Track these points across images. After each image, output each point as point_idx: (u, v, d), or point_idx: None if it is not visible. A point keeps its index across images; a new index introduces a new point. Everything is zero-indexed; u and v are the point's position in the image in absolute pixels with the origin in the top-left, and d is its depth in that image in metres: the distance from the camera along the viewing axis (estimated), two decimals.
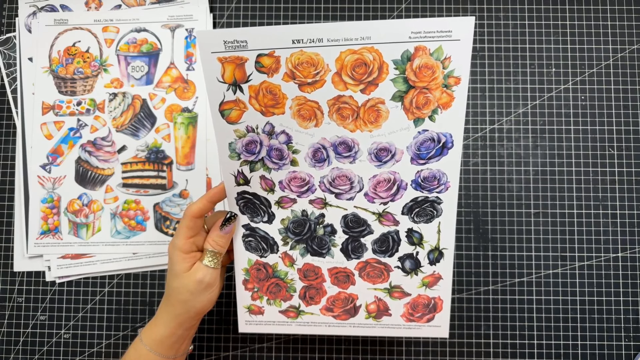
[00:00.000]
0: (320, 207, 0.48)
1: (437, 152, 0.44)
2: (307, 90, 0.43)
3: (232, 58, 0.42)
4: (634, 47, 0.61)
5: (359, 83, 0.42)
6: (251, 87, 0.43)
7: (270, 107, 0.43)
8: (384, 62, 0.41)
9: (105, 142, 0.61)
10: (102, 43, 0.62)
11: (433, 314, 0.50)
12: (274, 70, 0.42)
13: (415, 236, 0.48)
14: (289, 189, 0.47)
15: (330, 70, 0.42)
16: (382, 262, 0.49)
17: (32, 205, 0.61)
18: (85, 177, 0.61)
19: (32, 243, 0.61)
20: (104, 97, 0.62)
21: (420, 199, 0.46)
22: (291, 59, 0.42)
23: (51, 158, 0.61)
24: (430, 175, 0.45)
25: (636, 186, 0.60)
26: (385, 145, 0.45)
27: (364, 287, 0.50)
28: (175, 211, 0.60)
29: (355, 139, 0.44)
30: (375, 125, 0.44)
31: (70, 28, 0.63)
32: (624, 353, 0.58)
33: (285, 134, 0.45)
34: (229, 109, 0.44)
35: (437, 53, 0.41)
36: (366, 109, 0.43)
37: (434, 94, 0.42)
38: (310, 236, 0.49)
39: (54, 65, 0.62)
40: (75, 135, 0.62)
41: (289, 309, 0.51)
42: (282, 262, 0.50)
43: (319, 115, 0.44)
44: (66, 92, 0.62)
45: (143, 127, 0.61)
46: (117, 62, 0.62)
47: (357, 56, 0.41)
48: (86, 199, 0.61)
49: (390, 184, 0.46)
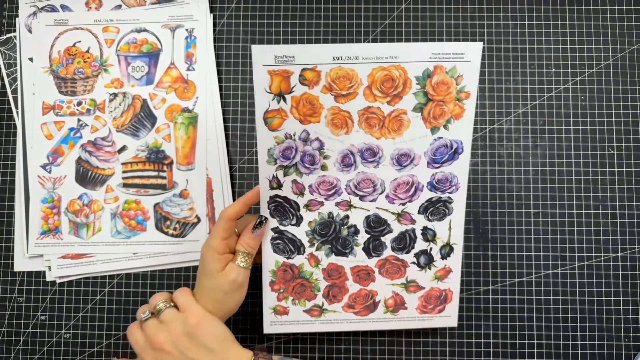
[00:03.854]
0: (345, 209, 0.51)
1: (449, 156, 0.50)
2: (342, 102, 0.48)
3: (280, 71, 0.47)
4: (634, 47, 0.61)
5: (386, 96, 0.48)
6: (293, 98, 0.47)
7: (308, 115, 0.48)
8: (408, 78, 0.48)
9: (105, 142, 0.61)
10: (102, 43, 0.62)
11: (444, 305, 0.54)
12: (315, 83, 0.47)
13: (429, 233, 0.52)
14: (318, 193, 0.51)
15: (363, 84, 0.47)
16: (400, 259, 0.53)
17: (33, 205, 0.61)
18: (85, 177, 0.61)
19: (32, 243, 0.61)
20: (104, 97, 0.62)
21: (435, 199, 0.51)
22: (330, 73, 0.47)
23: (51, 158, 0.61)
24: (443, 177, 0.51)
25: (636, 186, 0.60)
26: (406, 151, 0.50)
27: (383, 283, 0.53)
28: (176, 211, 0.60)
29: (380, 145, 0.49)
30: (398, 133, 0.49)
31: (70, 28, 0.63)
32: (624, 353, 0.58)
33: (319, 141, 0.49)
34: (272, 117, 0.48)
35: (452, 71, 0.48)
36: (391, 119, 0.49)
37: (448, 106, 0.49)
38: (335, 237, 0.52)
39: (54, 66, 0.62)
40: (76, 135, 0.62)
41: (312, 308, 0.53)
42: (308, 262, 0.53)
43: (349, 123, 0.49)
44: (66, 92, 0.62)
45: (143, 127, 0.61)
46: (118, 62, 0.62)
47: (386, 72, 0.47)
48: (86, 199, 0.61)
49: (409, 186, 0.51)
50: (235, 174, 0.61)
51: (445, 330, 0.59)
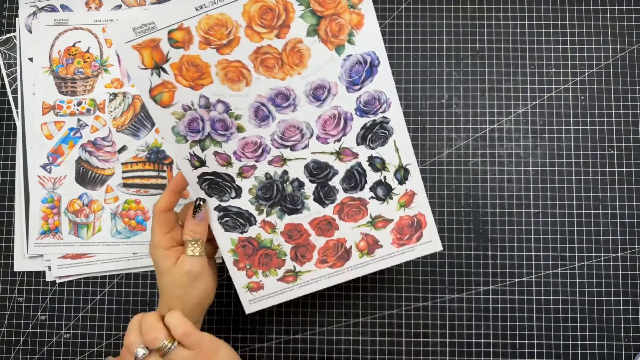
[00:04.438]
0: (281, 165, 0.47)
1: (367, 73, 0.45)
2: (226, 52, 0.43)
3: (145, 42, 0.42)
4: (634, 47, 0.61)
5: (272, 29, 0.42)
6: (173, 65, 0.43)
7: (197, 79, 0.43)
8: (287, 1, 0.42)
9: (105, 142, 0.61)
10: (102, 43, 0.62)
11: (420, 232, 0.50)
12: (189, 42, 0.42)
13: (377, 162, 0.48)
14: (245, 157, 0.47)
15: (241, 26, 0.42)
16: (356, 198, 0.49)
17: (33, 205, 0.61)
18: (85, 177, 0.61)
19: (32, 243, 0.61)
20: (104, 97, 0.62)
21: (369, 124, 0.46)
22: (200, 25, 0.42)
23: (51, 158, 0.61)
24: (369, 97, 0.45)
25: (636, 186, 0.60)
26: (319, 82, 0.44)
27: (347, 228, 0.50)
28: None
29: (288, 86, 0.44)
30: (302, 66, 0.44)
31: (70, 28, 0.63)
32: (624, 353, 0.58)
33: (222, 103, 0.44)
34: (159, 93, 0.44)
35: None
36: (288, 53, 0.43)
37: (343, 17, 0.43)
38: (281, 196, 0.48)
39: (54, 66, 0.62)
40: (76, 136, 0.62)
41: (286, 275, 0.51)
42: (264, 230, 0.49)
43: (246, 73, 0.43)
44: (66, 92, 0.62)
45: (143, 127, 0.61)
46: (118, 62, 0.62)
47: (260, 4, 0.42)
48: (86, 199, 0.61)
49: (337, 119, 0.46)
50: None
51: (445, 331, 0.59)
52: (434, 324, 0.59)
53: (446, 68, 0.61)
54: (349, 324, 0.59)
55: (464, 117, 0.61)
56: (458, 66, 0.61)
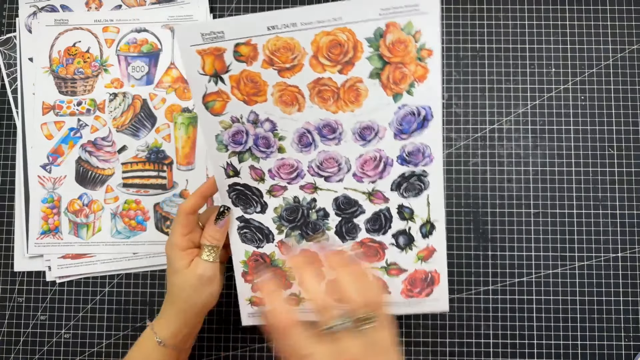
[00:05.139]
0: (311, 192, 0.48)
1: (418, 125, 0.45)
2: (287, 76, 0.43)
3: (210, 49, 0.42)
4: (634, 47, 0.61)
5: (336, 64, 0.43)
6: (232, 77, 0.43)
7: (252, 95, 0.44)
8: (357, 40, 0.42)
9: (105, 142, 0.61)
10: (102, 43, 0.62)
11: (431, 288, 0.49)
12: (253, 58, 0.42)
13: (406, 211, 0.48)
14: (279, 177, 0.47)
15: (307, 54, 0.42)
16: (377, 241, 0.49)
17: (33, 205, 0.61)
18: (85, 177, 0.61)
19: (32, 243, 0.61)
20: (104, 97, 0.62)
21: (407, 174, 0.47)
22: (268, 45, 0.42)
23: (51, 158, 0.62)
24: (414, 149, 0.46)
25: (636, 186, 0.60)
26: (368, 123, 0.45)
27: None
28: (176, 211, 0.61)
29: (338, 120, 0.45)
30: (356, 105, 0.44)
31: (70, 28, 0.63)
32: (624, 353, 0.58)
33: (270, 122, 0.45)
34: (212, 100, 0.44)
35: (408, 28, 0.42)
36: (346, 89, 0.44)
37: (409, 68, 0.43)
38: (304, 222, 0.49)
39: (54, 66, 0.62)
40: (76, 136, 0.62)
41: (290, 298, 0.50)
42: (279, 250, 0.49)
43: (300, 99, 0.44)
44: (66, 92, 0.62)
45: (143, 127, 0.61)
46: (118, 63, 0.62)
47: (331, 37, 0.42)
48: (86, 199, 0.61)
49: (377, 162, 0.46)
50: None
51: (445, 331, 0.59)
52: (434, 323, 0.59)
53: (446, 68, 0.61)
54: None
55: (464, 117, 0.61)
56: (458, 66, 0.61)
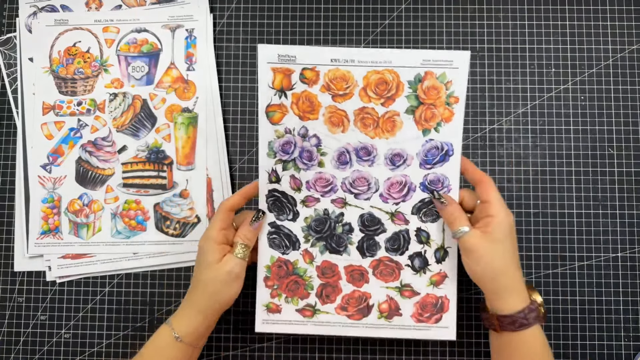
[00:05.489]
0: (341, 207, 0.53)
1: (440, 158, 0.51)
2: (339, 101, 0.51)
3: (282, 69, 0.50)
4: (634, 47, 0.61)
5: (380, 97, 0.50)
6: (294, 95, 0.51)
7: (307, 112, 0.51)
8: (400, 82, 0.50)
9: (105, 142, 0.61)
10: (102, 43, 0.62)
11: (440, 314, 0.53)
12: (314, 82, 0.50)
13: (423, 235, 0.53)
14: (314, 189, 0.52)
15: (358, 86, 0.50)
16: (394, 261, 0.53)
17: (33, 205, 0.61)
18: (85, 177, 0.61)
19: (32, 243, 0.61)
20: (104, 97, 0.62)
21: (427, 200, 0.52)
22: (328, 74, 0.50)
23: (52, 158, 0.62)
24: (435, 178, 0.52)
25: (636, 186, 0.60)
26: (399, 151, 0.51)
27: (377, 286, 0.53)
28: (176, 211, 0.61)
29: (374, 144, 0.51)
30: (391, 134, 0.51)
31: (70, 28, 0.63)
32: (624, 353, 0.58)
33: (317, 138, 0.51)
34: (273, 111, 0.51)
35: (442, 77, 0.50)
36: (385, 120, 0.51)
37: (438, 109, 0.50)
38: (330, 234, 0.53)
39: (54, 66, 0.62)
40: (76, 136, 0.62)
41: (305, 308, 0.54)
42: (303, 259, 0.53)
43: (345, 122, 0.51)
44: (67, 92, 0.62)
45: (143, 127, 0.62)
46: (118, 63, 0.62)
47: (380, 76, 0.50)
48: (86, 199, 0.61)
49: (402, 186, 0.52)
50: (235, 174, 0.62)
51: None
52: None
53: None
54: None
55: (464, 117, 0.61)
56: None
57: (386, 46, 0.62)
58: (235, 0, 0.63)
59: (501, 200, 0.49)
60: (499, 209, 0.48)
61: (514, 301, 0.47)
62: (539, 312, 0.47)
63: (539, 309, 0.48)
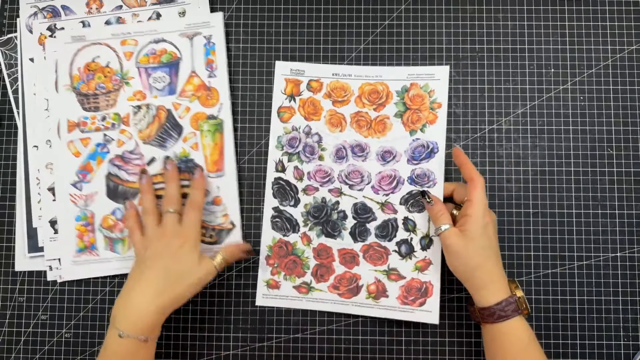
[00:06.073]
0: (337, 196, 0.60)
1: (426, 155, 0.59)
2: (338, 106, 0.61)
3: (293, 80, 0.61)
4: (633, 47, 0.61)
5: (373, 104, 0.60)
6: (301, 100, 0.61)
7: (311, 114, 0.61)
8: (390, 91, 0.60)
9: (133, 155, 0.61)
10: (121, 56, 0.62)
11: (425, 299, 0.57)
12: (318, 90, 0.61)
13: (410, 224, 0.58)
14: (315, 179, 0.60)
15: (354, 94, 0.60)
16: (382, 246, 0.59)
17: (67, 224, 0.60)
18: (116, 192, 0.61)
19: (69, 261, 0.60)
20: (127, 110, 0.61)
21: (414, 192, 0.58)
22: (330, 84, 0.61)
23: (81, 175, 0.61)
24: (422, 173, 0.58)
25: (635, 186, 0.60)
26: (389, 148, 0.59)
27: (366, 268, 0.59)
28: (210, 219, 0.60)
29: (367, 142, 0.60)
30: (382, 134, 0.60)
31: (88, 44, 0.62)
32: (623, 352, 0.58)
33: (318, 135, 0.60)
34: (284, 112, 0.61)
35: (425, 87, 0.60)
36: (377, 122, 0.60)
37: (423, 113, 0.59)
38: (326, 220, 0.59)
39: (75, 82, 0.62)
40: (103, 151, 0.61)
41: (301, 285, 0.59)
42: (301, 241, 0.60)
43: (343, 123, 0.60)
44: (90, 108, 0.62)
45: (170, 138, 0.61)
46: (138, 75, 0.62)
47: (372, 87, 0.60)
48: (119, 214, 0.61)
49: (392, 179, 0.59)
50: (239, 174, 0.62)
51: (444, 330, 0.59)
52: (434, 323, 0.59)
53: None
54: (349, 323, 0.59)
55: (463, 117, 0.61)
56: (457, 66, 0.62)
57: (385, 46, 0.62)
58: (235, 1, 0.64)
59: (483, 200, 0.52)
60: (477, 209, 0.51)
61: (492, 294, 0.50)
62: (518, 305, 0.50)
63: (518, 302, 0.50)
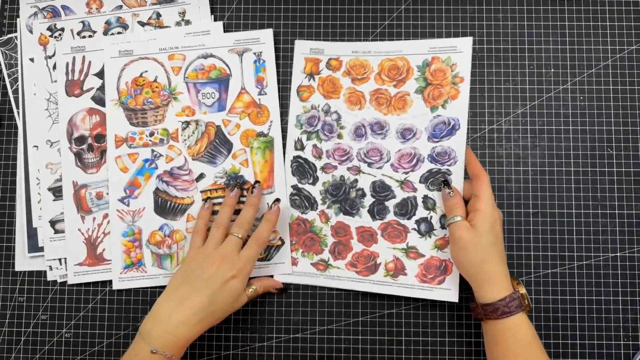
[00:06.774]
0: (355, 174, 0.59)
1: (447, 132, 0.57)
2: (357, 84, 0.59)
3: (312, 58, 0.61)
4: (633, 47, 0.61)
5: (393, 80, 0.59)
6: (320, 78, 0.60)
7: (330, 92, 0.60)
8: (410, 67, 0.58)
9: (182, 171, 0.61)
10: (169, 71, 0.61)
11: (444, 277, 0.57)
12: (337, 69, 0.60)
13: (429, 202, 0.57)
14: (333, 157, 0.59)
15: (374, 71, 0.59)
16: (402, 224, 0.58)
17: (114, 240, 0.60)
18: (164, 208, 0.61)
19: (116, 278, 0.60)
20: (176, 126, 0.61)
21: (434, 170, 0.57)
22: (349, 62, 0.60)
23: (129, 191, 0.61)
24: (442, 151, 0.57)
25: (635, 186, 0.60)
26: (409, 126, 0.58)
27: (384, 246, 0.58)
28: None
29: (387, 120, 0.58)
30: (402, 111, 0.58)
31: (135, 58, 0.62)
32: (623, 352, 0.58)
33: (337, 114, 0.59)
34: (303, 90, 0.61)
35: (447, 61, 0.58)
36: (396, 99, 0.58)
37: (445, 89, 0.57)
38: (345, 198, 0.59)
39: (122, 97, 0.61)
40: (151, 167, 0.61)
41: (319, 262, 0.59)
42: (319, 218, 0.59)
43: (362, 101, 0.59)
44: (138, 124, 0.61)
45: (219, 154, 0.61)
46: (187, 90, 0.61)
47: (392, 62, 0.59)
48: (167, 230, 0.60)
49: (412, 157, 0.58)
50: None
51: (444, 330, 0.59)
52: (434, 323, 0.59)
53: None
54: (348, 323, 0.59)
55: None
56: None
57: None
58: (235, 1, 0.64)
59: (491, 196, 0.52)
60: (486, 204, 0.51)
61: (496, 290, 0.50)
62: (521, 301, 0.50)
63: (521, 299, 0.50)
